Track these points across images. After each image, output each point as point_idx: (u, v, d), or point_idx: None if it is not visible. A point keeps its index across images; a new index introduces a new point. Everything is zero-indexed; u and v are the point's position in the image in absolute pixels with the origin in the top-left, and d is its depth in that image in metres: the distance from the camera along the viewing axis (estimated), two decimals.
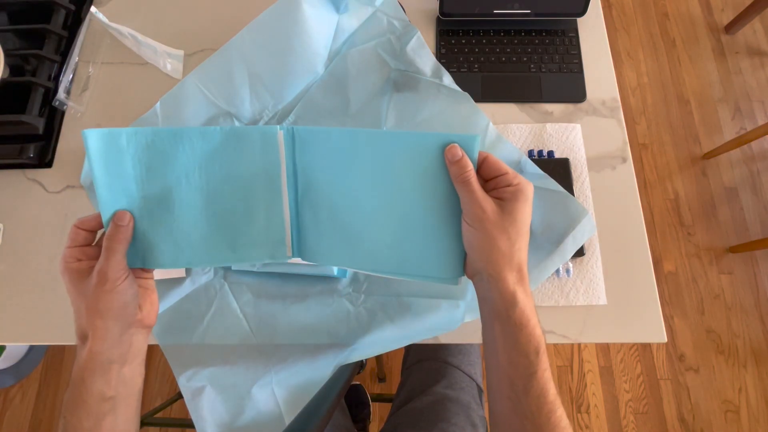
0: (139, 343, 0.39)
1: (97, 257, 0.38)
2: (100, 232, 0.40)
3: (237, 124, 0.64)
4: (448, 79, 0.65)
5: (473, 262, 0.38)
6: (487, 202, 0.36)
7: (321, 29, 0.65)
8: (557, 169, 0.60)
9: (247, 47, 0.64)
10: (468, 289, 0.55)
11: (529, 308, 0.36)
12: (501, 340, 0.37)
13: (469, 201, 0.36)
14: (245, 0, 0.73)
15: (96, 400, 0.36)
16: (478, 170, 0.38)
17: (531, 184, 0.37)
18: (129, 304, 0.38)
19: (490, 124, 0.63)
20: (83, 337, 0.37)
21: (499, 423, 0.38)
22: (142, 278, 0.41)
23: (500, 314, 0.37)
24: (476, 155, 0.37)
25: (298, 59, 0.64)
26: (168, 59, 0.67)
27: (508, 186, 0.36)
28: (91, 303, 0.37)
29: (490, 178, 0.38)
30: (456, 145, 0.37)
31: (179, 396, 0.70)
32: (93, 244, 0.39)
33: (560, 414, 0.35)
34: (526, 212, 0.36)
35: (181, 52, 0.69)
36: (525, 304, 0.36)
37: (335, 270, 0.55)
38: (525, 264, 0.37)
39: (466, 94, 0.64)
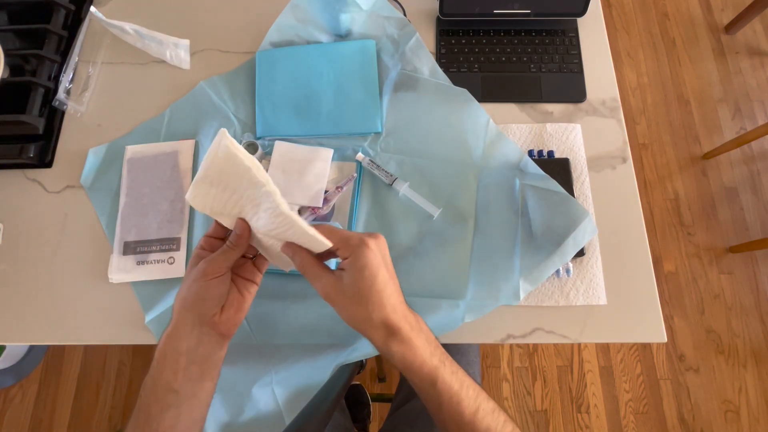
0: (211, 345, 0.39)
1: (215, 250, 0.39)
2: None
3: (248, 134, 0.64)
4: (446, 79, 0.65)
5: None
6: (327, 280, 0.38)
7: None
8: (557, 169, 0.60)
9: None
10: (468, 289, 0.55)
11: (411, 352, 0.37)
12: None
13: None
14: (245, 0, 0.73)
15: (163, 389, 0.37)
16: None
17: (367, 246, 0.36)
18: (207, 300, 0.38)
19: (491, 120, 0.63)
20: (170, 322, 0.39)
21: None
22: (244, 289, 0.41)
23: (392, 362, 0.38)
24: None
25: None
26: (175, 49, 0.66)
27: (345, 259, 0.37)
28: (181, 290, 0.39)
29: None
30: (289, 246, 0.39)
31: None
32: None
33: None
34: (365, 278, 0.36)
35: (187, 42, 0.68)
36: (404, 352, 0.37)
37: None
38: (393, 314, 0.37)
39: (465, 90, 0.64)
